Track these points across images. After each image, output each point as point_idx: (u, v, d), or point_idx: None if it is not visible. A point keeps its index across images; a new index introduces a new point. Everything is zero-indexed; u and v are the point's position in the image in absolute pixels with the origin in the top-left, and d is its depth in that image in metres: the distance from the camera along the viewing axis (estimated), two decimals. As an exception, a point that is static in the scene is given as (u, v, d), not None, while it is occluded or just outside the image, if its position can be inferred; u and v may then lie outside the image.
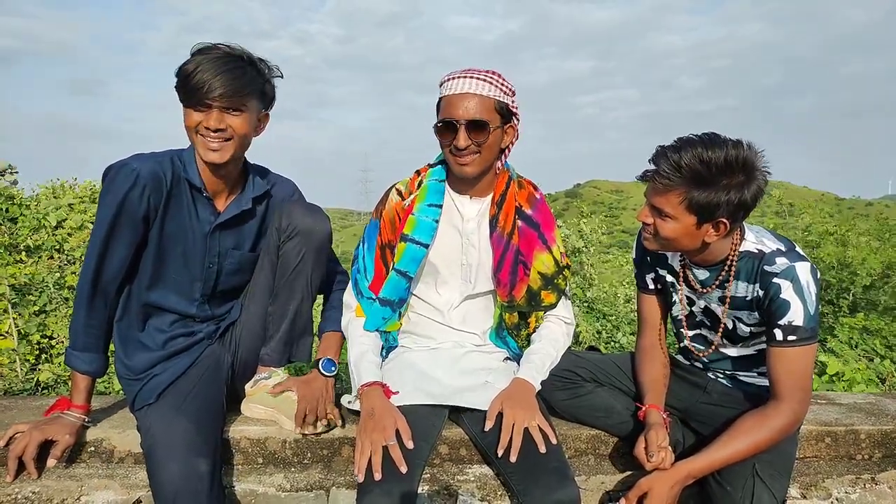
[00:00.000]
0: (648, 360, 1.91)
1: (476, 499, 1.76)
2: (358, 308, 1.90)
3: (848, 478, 1.94)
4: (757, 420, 1.61)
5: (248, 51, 1.74)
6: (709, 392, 1.88)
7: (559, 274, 1.89)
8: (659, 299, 1.94)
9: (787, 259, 1.58)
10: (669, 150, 1.52)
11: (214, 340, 1.92)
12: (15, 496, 1.70)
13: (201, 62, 1.64)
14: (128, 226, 1.69)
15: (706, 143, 1.48)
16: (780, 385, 1.60)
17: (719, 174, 1.47)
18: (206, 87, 1.63)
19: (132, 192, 1.66)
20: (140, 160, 1.70)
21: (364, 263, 1.90)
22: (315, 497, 1.76)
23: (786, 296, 1.56)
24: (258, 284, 1.94)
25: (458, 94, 1.71)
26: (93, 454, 1.86)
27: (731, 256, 1.66)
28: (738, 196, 1.49)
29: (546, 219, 1.89)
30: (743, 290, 1.67)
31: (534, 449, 1.64)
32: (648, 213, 1.63)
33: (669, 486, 1.59)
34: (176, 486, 1.53)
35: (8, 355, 3.73)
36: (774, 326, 1.59)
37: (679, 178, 1.49)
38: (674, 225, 1.57)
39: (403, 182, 1.92)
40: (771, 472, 1.63)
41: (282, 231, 1.85)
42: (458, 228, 1.87)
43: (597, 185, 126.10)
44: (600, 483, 1.86)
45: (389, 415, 1.62)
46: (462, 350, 1.91)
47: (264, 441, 1.86)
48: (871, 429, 2.07)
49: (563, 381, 1.93)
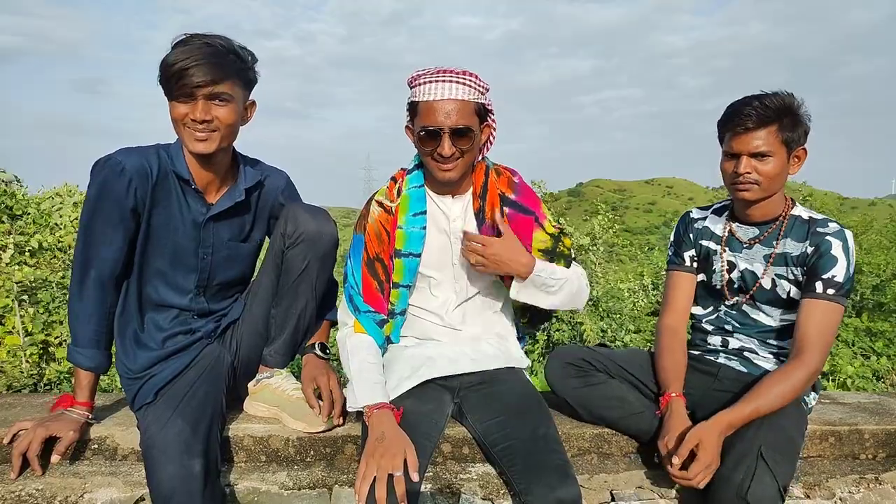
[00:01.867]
0: (674, 340, 1.96)
1: (478, 497, 1.76)
2: (356, 324, 1.86)
3: (852, 477, 1.93)
4: (782, 374, 1.72)
5: (229, 38, 1.71)
6: (720, 379, 1.93)
7: (558, 243, 1.88)
8: (691, 280, 2.02)
9: (837, 225, 1.80)
10: (749, 100, 1.77)
11: (213, 339, 1.92)
12: (19, 493, 1.70)
13: (181, 53, 1.62)
14: (114, 214, 1.69)
15: (762, 94, 1.78)
16: (806, 338, 1.73)
17: (788, 109, 1.75)
18: (188, 77, 1.61)
19: (117, 184, 1.67)
20: (125, 154, 1.70)
21: (354, 279, 1.87)
22: (318, 495, 1.76)
23: (835, 252, 1.75)
24: (261, 285, 1.94)
25: (439, 100, 1.68)
26: (96, 452, 1.86)
27: (784, 214, 1.86)
28: (803, 126, 1.78)
29: (532, 199, 1.88)
30: (792, 248, 1.83)
31: (536, 448, 1.64)
32: (748, 162, 1.77)
33: (717, 436, 1.63)
34: (171, 486, 1.53)
35: (13, 352, 3.74)
36: (817, 279, 1.75)
37: (769, 114, 1.73)
38: (774, 162, 1.76)
39: (381, 192, 1.89)
40: (775, 457, 1.62)
41: (287, 237, 1.84)
42: (444, 230, 1.86)
43: (599, 185, 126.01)
44: (603, 482, 1.85)
45: (399, 443, 1.54)
46: (460, 345, 1.91)
47: (267, 439, 1.87)
48: (876, 428, 2.07)
49: (577, 368, 1.96)
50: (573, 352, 2.02)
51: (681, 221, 2.09)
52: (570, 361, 1.97)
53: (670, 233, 2.17)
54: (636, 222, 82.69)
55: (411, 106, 1.77)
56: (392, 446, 1.52)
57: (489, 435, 1.75)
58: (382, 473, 1.46)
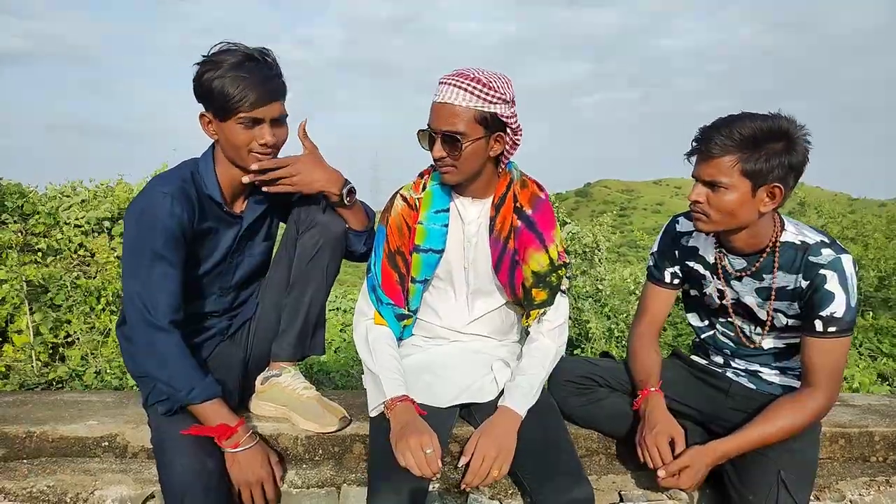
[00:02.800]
0: (643, 344, 1.89)
1: (486, 497, 1.76)
2: (377, 315, 1.86)
3: (862, 480, 1.92)
4: (790, 405, 1.64)
5: (267, 50, 1.69)
6: (732, 396, 1.85)
7: (553, 272, 1.83)
8: (670, 295, 1.93)
9: (832, 251, 1.60)
10: (717, 123, 1.57)
11: (226, 337, 1.93)
12: (30, 490, 1.72)
13: (243, 81, 1.58)
14: (172, 250, 1.63)
15: (749, 115, 1.56)
16: (814, 374, 1.63)
17: (766, 138, 1.52)
18: (257, 108, 1.60)
19: (170, 220, 1.61)
20: (166, 184, 1.65)
21: (375, 270, 1.87)
22: (326, 494, 1.77)
23: (830, 287, 1.58)
24: (273, 278, 1.94)
25: (440, 102, 1.66)
26: (106, 449, 1.88)
27: (772, 242, 1.67)
28: (787, 159, 1.53)
29: (546, 219, 1.83)
30: (784, 281, 1.67)
31: (548, 450, 1.64)
32: (701, 191, 1.61)
33: (706, 466, 1.62)
34: (185, 481, 1.54)
35: (24, 351, 3.77)
36: (815, 318, 1.61)
37: (731, 143, 1.53)
38: (731, 195, 1.56)
39: (407, 187, 1.88)
40: (796, 481, 1.60)
41: (300, 223, 1.86)
42: (461, 231, 1.86)
43: (607, 185, 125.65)
44: (611, 482, 1.85)
45: (425, 428, 1.60)
46: (472, 347, 1.91)
47: (276, 438, 1.87)
48: (886, 430, 2.05)
49: (579, 387, 1.91)
50: (573, 368, 1.96)
51: (667, 231, 1.91)
52: (570, 379, 1.91)
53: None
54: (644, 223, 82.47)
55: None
56: (419, 429, 1.57)
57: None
58: (418, 452, 1.52)
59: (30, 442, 1.90)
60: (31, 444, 1.90)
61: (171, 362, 1.61)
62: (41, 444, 1.90)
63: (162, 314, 1.61)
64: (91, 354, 3.78)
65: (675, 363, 2.01)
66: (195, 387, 1.61)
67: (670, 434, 1.68)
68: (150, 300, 1.60)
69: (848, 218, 7.97)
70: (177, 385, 1.61)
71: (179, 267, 1.66)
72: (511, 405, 1.72)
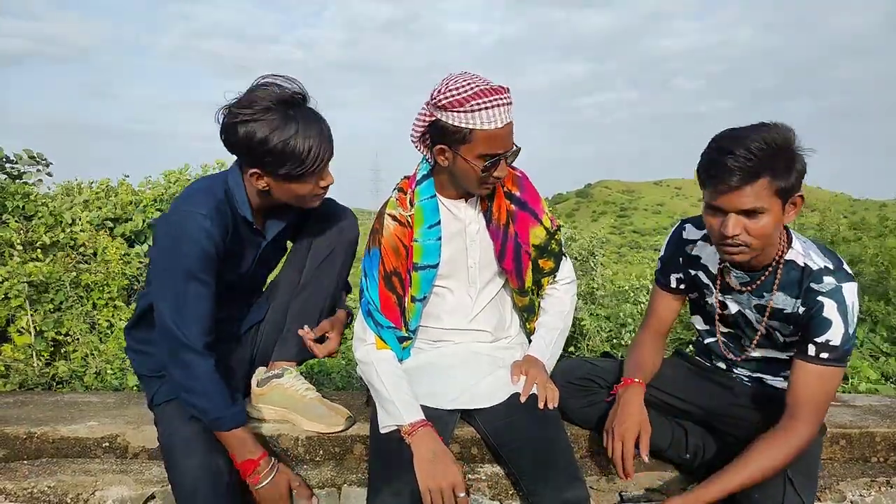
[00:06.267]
0: (644, 345, 1.88)
1: (487, 498, 1.76)
2: (378, 340, 1.82)
3: (863, 480, 1.92)
4: (770, 443, 1.57)
5: (296, 81, 1.65)
6: (736, 394, 1.84)
7: (551, 239, 1.90)
8: (676, 300, 1.92)
9: (834, 279, 1.55)
10: (729, 148, 1.45)
11: (234, 338, 1.92)
12: (31, 490, 1.72)
13: (311, 140, 1.58)
14: (206, 271, 1.61)
15: (752, 130, 1.47)
16: (798, 404, 1.56)
17: (782, 151, 1.45)
18: (325, 161, 1.63)
19: (207, 242, 1.59)
20: (203, 205, 1.61)
21: (370, 295, 1.83)
22: (327, 494, 1.77)
23: (828, 314, 1.53)
24: (282, 280, 1.95)
25: (503, 126, 1.63)
26: (107, 450, 1.88)
27: (777, 259, 1.61)
28: (799, 165, 1.48)
29: (531, 194, 1.89)
30: (782, 303, 1.63)
31: (544, 449, 1.64)
32: (738, 221, 1.48)
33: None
34: (196, 479, 1.54)
35: (24, 351, 3.77)
36: (810, 342, 1.55)
37: (760, 162, 1.43)
38: (768, 219, 1.48)
39: (392, 205, 1.84)
40: (802, 480, 1.59)
41: (313, 226, 1.88)
42: (461, 234, 1.86)
43: (607, 186, 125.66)
44: (611, 483, 1.85)
45: (453, 462, 1.60)
46: (474, 348, 1.91)
47: (277, 438, 1.87)
48: (887, 431, 2.05)
49: (579, 388, 1.91)
50: (574, 369, 1.95)
51: (673, 237, 1.88)
52: (570, 380, 1.90)
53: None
54: (644, 223, 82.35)
55: (458, 130, 1.63)
56: (449, 466, 1.58)
57: (498, 435, 1.75)
58: (448, 494, 1.55)
59: (30, 442, 1.90)
60: (31, 445, 1.90)
61: (204, 386, 1.59)
62: (42, 444, 1.90)
63: (196, 337, 1.59)
64: (91, 354, 3.78)
65: (677, 361, 2.01)
66: (224, 415, 1.60)
67: (639, 430, 1.66)
68: (184, 322, 1.58)
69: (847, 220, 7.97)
70: (207, 409, 1.60)
71: (212, 287, 1.63)
72: (534, 353, 1.90)
